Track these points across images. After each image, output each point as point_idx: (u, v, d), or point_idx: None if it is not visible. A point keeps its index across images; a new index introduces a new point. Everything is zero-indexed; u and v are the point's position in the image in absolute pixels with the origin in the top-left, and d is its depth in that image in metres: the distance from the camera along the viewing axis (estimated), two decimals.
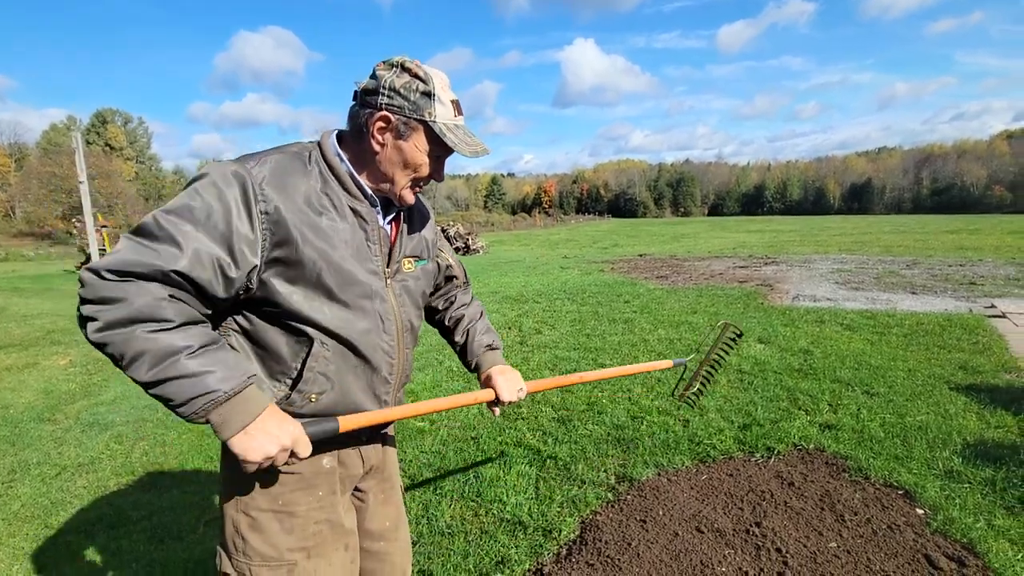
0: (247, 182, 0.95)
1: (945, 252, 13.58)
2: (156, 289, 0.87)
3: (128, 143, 57.05)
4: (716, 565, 2.00)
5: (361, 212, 1.08)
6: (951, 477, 2.57)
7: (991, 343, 4.76)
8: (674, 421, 3.34)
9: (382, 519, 1.33)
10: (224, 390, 0.88)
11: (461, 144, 1.06)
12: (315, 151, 1.07)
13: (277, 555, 1.06)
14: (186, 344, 0.87)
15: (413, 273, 1.21)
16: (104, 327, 0.84)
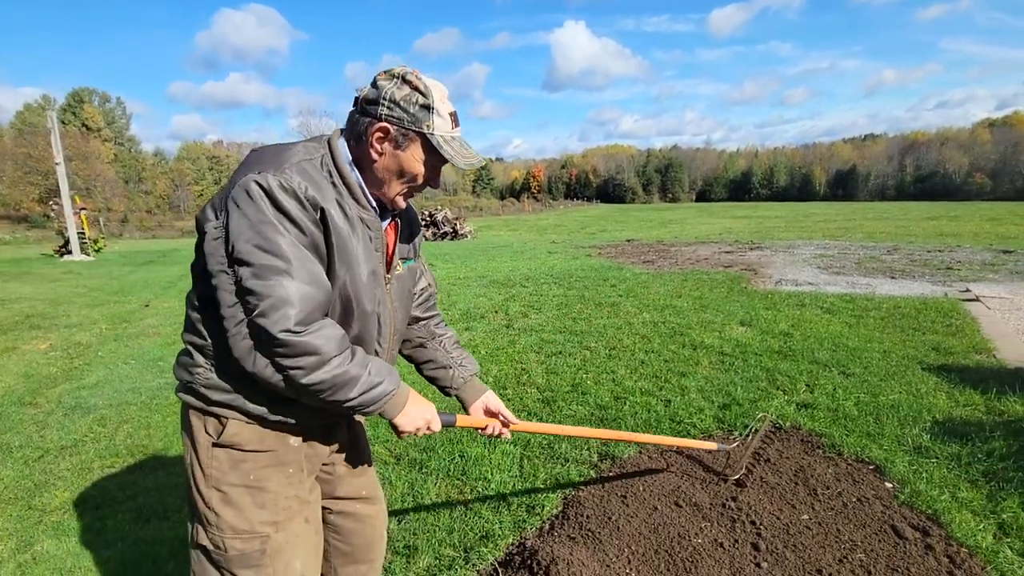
0: (296, 192, 1.00)
1: (925, 238, 13.84)
2: (327, 335, 1.01)
3: (106, 123, 55.51)
4: (692, 537, 2.07)
5: (367, 221, 1.13)
6: (919, 453, 2.67)
7: (964, 325, 4.90)
8: (656, 401, 3.41)
9: (357, 488, 1.39)
10: (391, 390, 1.12)
11: (457, 156, 1.10)
12: (327, 157, 1.10)
13: (249, 528, 1.10)
14: (364, 365, 1.07)
15: (403, 274, 1.28)
16: (310, 372, 1.00)
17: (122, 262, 15.32)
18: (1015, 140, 73.46)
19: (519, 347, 4.78)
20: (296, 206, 0.99)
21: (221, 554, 1.09)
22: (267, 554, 1.11)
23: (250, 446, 1.11)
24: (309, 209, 1.01)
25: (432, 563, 2.05)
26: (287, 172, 1.01)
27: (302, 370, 0.98)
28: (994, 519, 2.14)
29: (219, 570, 1.11)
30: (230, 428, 1.09)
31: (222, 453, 1.09)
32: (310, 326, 0.98)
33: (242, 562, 1.09)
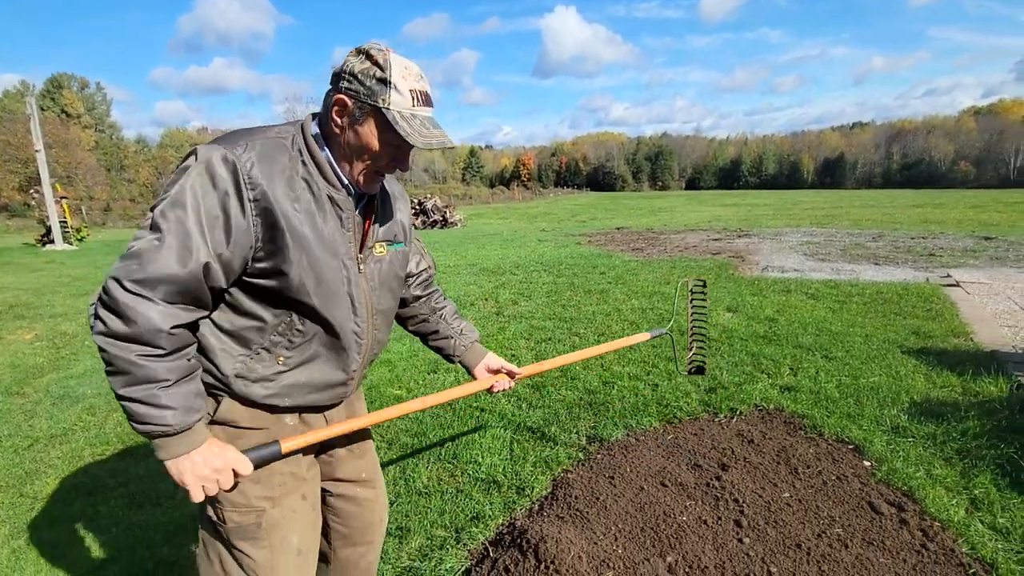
0: (237, 168, 0.99)
1: (910, 225, 14.04)
2: (161, 316, 0.95)
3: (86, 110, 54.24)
4: (678, 515, 2.13)
5: (338, 200, 1.11)
6: (897, 432, 2.75)
7: (943, 310, 5.02)
8: (644, 385, 3.47)
9: (357, 471, 1.40)
10: (175, 426, 0.98)
11: (414, 134, 1.05)
12: (297, 136, 1.09)
13: (246, 502, 1.13)
14: (165, 378, 0.97)
15: (385, 257, 1.24)
16: (107, 334, 0.94)
17: (106, 251, 15.09)
18: (1000, 128, 74.37)
19: (509, 334, 4.81)
20: (228, 181, 0.97)
21: (222, 526, 1.14)
22: (263, 527, 1.14)
23: (244, 423, 1.14)
24: (245, 188, 0.99)
25: (424, 543, 2.09)
26: (239, 147, 1.00)
27: (103, 325, 0.93)
28: (966, 495, 2.22)
29: (221, 541, 1.15)
30: (223, 406, 1.13)
31: (219, 430, 1.13)
32: (144, 292, 0.93)
33: (240, 534, 1.13)
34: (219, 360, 1.09)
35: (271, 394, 1.13)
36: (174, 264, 0.94)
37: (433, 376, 3.85)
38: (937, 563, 1.84)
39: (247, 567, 1.14)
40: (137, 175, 55.39)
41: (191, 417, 1.00)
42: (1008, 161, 72.21)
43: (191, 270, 0.95)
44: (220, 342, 1.09)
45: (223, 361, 1.09)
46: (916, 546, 1.93)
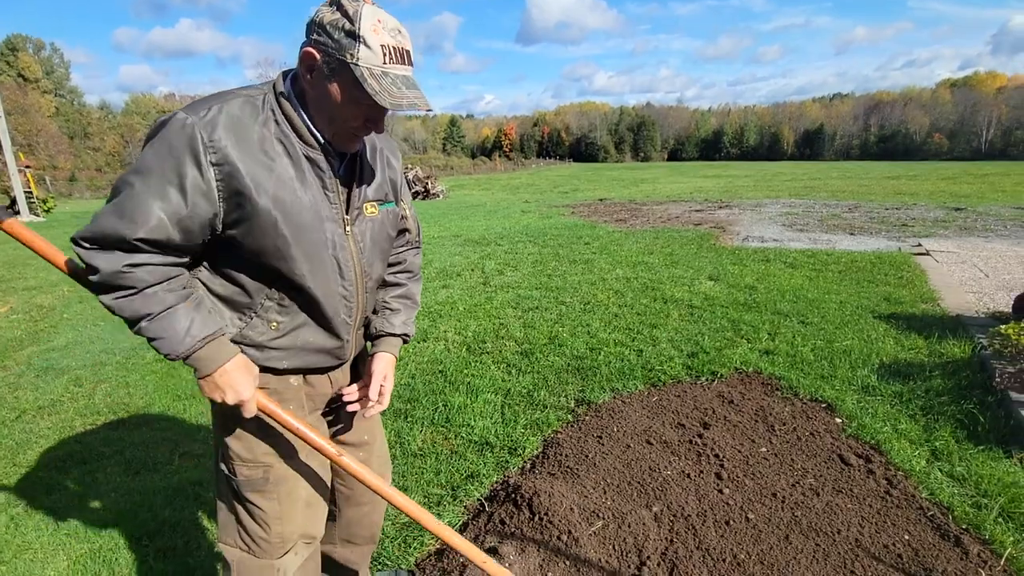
0: (195, 133, 0.96)
1: (884, 197, 14.36)
2: (116, 260, 0.96)
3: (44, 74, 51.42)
4: (662, 469, 2.25)
5: (316, 161, 1.06)
6: (867, 391, 2.91)
7: (913, 278, 5.22)
8: (629, 351, 3.58)
9: (360, 433, 1.44)
10: (178, 352, 1.02)
11: (382, 93, 0.97)
12: (269, 95, 1.05)
13: (253, 457, 1.18)
14: (146, 312, 1.00)
15: (376, 217, 1.20)
16: (101, 296, 1.00)
17: (75, 223, 14.59)
18: (973, 101, 75.53)
19: (496, 303, 4.87)
20: (185, 148, 0.95)
21: (234, 479, 1.19)
22: (270, 481, 1.19)
23: None
24: (205, 153, 0.96)
25: (422, 501, 2.18)
26: (203, 111, 0.98)
27: (93, 275, 0.97)
28: (928, 447, 2.39)
29: (233, 493, 1.21)
30: None
31: None
32: (95, 246, 0.96)
33: (249, 487, 1.18)
34: (224, 324, 1.11)
35: (268, 357, 1.14)
36: (124, 227, 0.94)
37: (423, 344, 3.90)
38: (899, 507, 2.00)
39: (258, 517, 1.20)
40: (103, 143, 53.13)
41: (184, 345, 1.01)
42: (980, 134, 73.70)
43: (142, 236, 0.95)
44: (218, 304, 1.11)
45: (227, 324, 1.11)
46: (881, 493, 2.08)
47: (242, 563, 1.22)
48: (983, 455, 2.28)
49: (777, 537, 1.85)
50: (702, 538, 1.85)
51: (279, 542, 1.21)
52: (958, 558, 1.74)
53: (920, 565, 1.71)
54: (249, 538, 1.21)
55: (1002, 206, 11.56)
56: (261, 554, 1.21)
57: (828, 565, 1.73)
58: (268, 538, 1.20)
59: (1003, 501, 1.98)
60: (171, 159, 0.95)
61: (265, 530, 1.20)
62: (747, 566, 1.73)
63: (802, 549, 1.79)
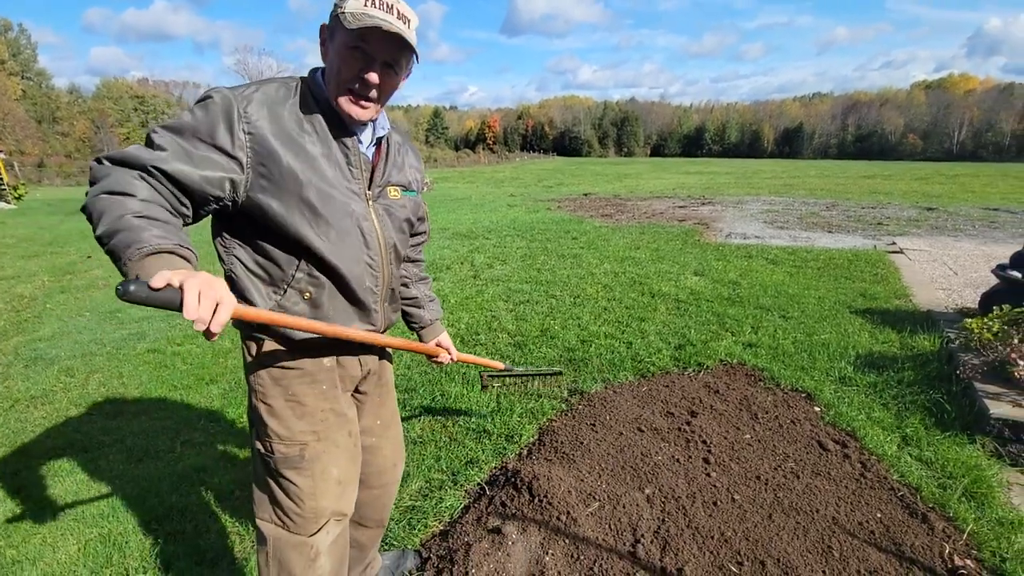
0: (232, 103, 1.07)
1: (860, 196, 14.77)
2: (135, 173, 0.99)
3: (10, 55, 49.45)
4: (654, 455, 2.37)
5: (342, 137, 1.18)
6: (843, 382, 3.07)
7: (888, 274, 5.45)
8: (619, 343, 3.70)
9: (375, 418, 1.51)
10: (152, 245, 0.90)
11: (353, 20, 1.05)
12: (300, 82, 1.18)
13: (290, 435, 1.24)
14: (139, 209, 0.94)
15: (398, 200, 1.31)
16: (90, 195, 0.97)
17: (48, 211, 14.22)
18: (946, 103, 77.63)
19: (487, 296, 4.95)
20: (221, 113, 1.05)
21: (270, 456, 1.25)
22: (306, 459, 1.25)
23: (286, 364, 1.24)
24: (238, 120, 1.06)
25: (423, 486, 2.26)
26: (243, 89, 1.10)
27: (87, 194, 0.98)
28: (899, 433, 2.55)
29: (268, 471, 1.27)
30: (267, 348, 1.22)
31: (263, 371, 1.23)
32: (122, 166, 1.00)
33: (286, 464, 1.24)
34: (255, 298, 1.18)
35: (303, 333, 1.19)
36: (147, 155, 1.00)
37: None
38: (872, 488, 2.14)
39: (292, 493, 1.26)
40: (72, 128, 51.38)
41: (171, 241, 0.93)
42: (952, 135, 75.85)
43: (162, 167, 1.00)
44: (251, 282, 1.17)
45: (258, 298, 1.18)
46: (856, 475, 2.23)
47: (278, 538, 1.28)
48: (949, 440, 2.45)
49: (761, 516, 1.98)
50: (692, 517, 1.97)
51: (312, 517, 1.28)
52: (925, 533, 1.89)
53: (891, 540, 1.86)
54: (284, 514, 1.27)
55: (971, 206, 12.01)
56: (296, 529, 1.27)
57: (808, 541, 1.86)
58: (303, 513, 1.26)
59: (966, 482, 2.14)
60: (206, 122, 1.05)
61: (300, 506, 1.26)
62: (734, 542, 1.85)
63: (784, 526, 1.92)
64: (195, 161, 1.03)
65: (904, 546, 1.82)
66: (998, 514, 1.97)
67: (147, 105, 57.97)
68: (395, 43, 1.10)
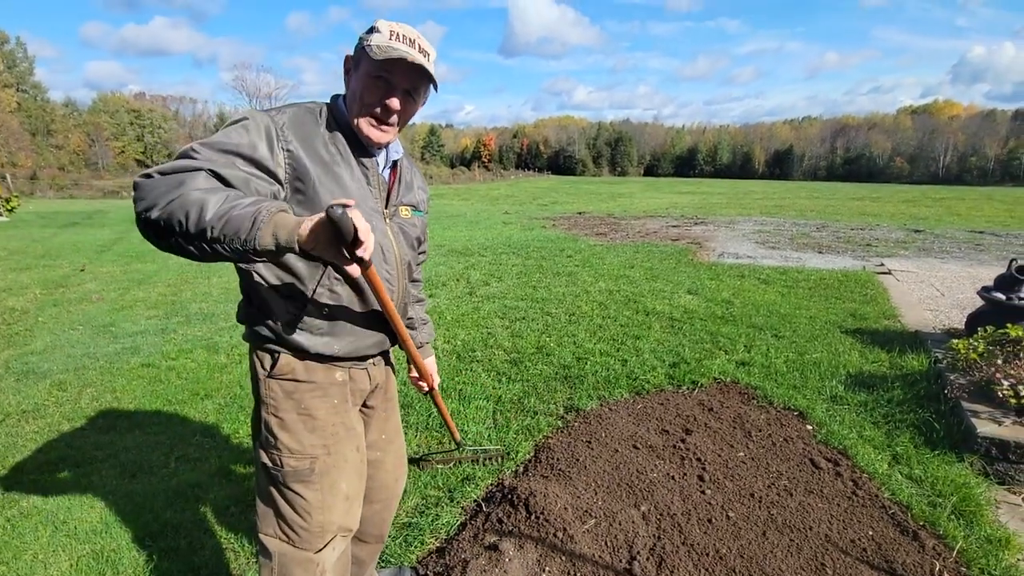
0: (271, 125, 1.14)
1: (850, 217, 15.03)
2: (201, 174, 0.99)
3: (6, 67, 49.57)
4: (649, 472, 2.39)
5: (363, 159, 1.25)
6: (835, 401, 3.12)
7: (877, 295, 5.54)
8: (614, 361, 3.73)
9: (380, 432, 1.53)
10: (269, 208, 0.94)
11: (378, 51, 1.14)
12: (325, 108, 1.25)
13: (301, 449, 1.26)
14: (231, 193, 0.97)
15: (409, 220, 1.39)
16: (164, 204, 0.93)
17: (41, 223, 14.14)
18: (932, 127, 79.52)
19: (483, 313, 4.98)
20: (262, 130, 1.11)
21: (278, 470, 1.25)
22: (315, 472, 1.26)
23: (299, 377, 1.25)
24: (278, 139, 1.13)
25: (420, 503, 2.26)
26: (274, 112, 1.16)
27: (155, 206, 0.94)
28: (889, 451, 2.59)
29: (275, 484, 1.27)
30: (281, 361, 1.24)
31: (276, 384, 1.25)
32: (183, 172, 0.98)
33: (295, 477, 1.25)
34: (274, 312, 1.21)
35: (322, 342, 1.24)
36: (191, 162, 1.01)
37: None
38: (864, 506, 2.17)
39: (300, 507, 1.26)
40: (66, 141, 51.35)
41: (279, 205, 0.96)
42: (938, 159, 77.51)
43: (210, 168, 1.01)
44: (271, 296, 1.21)
45: (278, 312, 1.21)
46: (848, 493, 2.26)
47: (283, 554, 1.28)
48: (938, 459, 2.49)
49: (755, 533, 2.00)
50: (687, 535, 1.98)
51: (319, 531, 1.28)
52: (916, 551, 1.91)
53: (883, 557, 1.88)
54: (290, 528, 1.27)
55: (957, 229, 12.25)
56: (301, 544, 1.27)
57: (801, 558, 1.88)
58: (310, 528, 1.27)
59: (955, 500, 2.17)
60: (248, 140, 1.09)
61: (307, 520, 1.27)
62: (728, 560, 1.86)
63: (778, 544, 1.94)
64: (239, 174, 1.06)
65: (896, 563, 1.84)
66: (986, 532, 2.00)
67: (143, 119, 58.11)
68: (416, 73, 1.20)
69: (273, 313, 1.22)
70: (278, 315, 1.22)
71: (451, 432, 2.15)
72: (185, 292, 6.17)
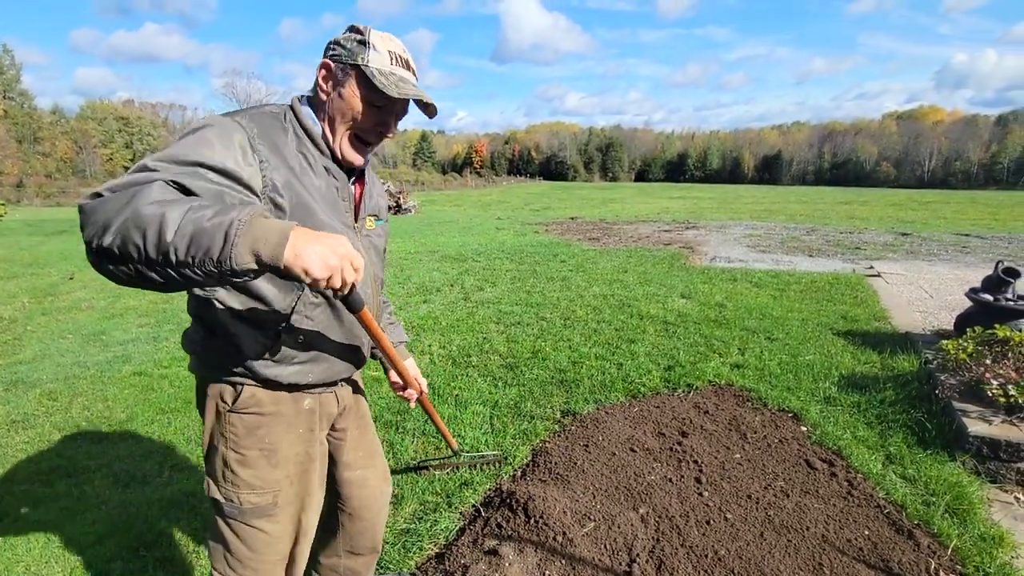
0: (242, 131, 1.01)
1: (838, 221, 15.21)
2: (156, 185, 0.82)
3: None
4: (646, 475, 2.39)
5: (332, 171, 1.16)
6: (828, 402, 3.14)
7: (867, 297, 5.61)
8: (609, 364, 3.74)
9: (357, 450, 1.45)
10: (242, 218, 0.78)
11: (391, 86, 1.08)
12: (289, 113, 1.14)
13: (263, 484, 1.18)
14: (194, 203, 0.80)
15: (375, 231, 1.32)
16: (118, 226, 0.77)
17: (28, 231, 13.96)
18: (917, 132, 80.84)
19: (478, 318, 4.98)
20: (238, 141, 0.99)
21: (235, 507, 1.16)
22: (278, 506, 1.19)
23: (265, 409, 1.16)
24: (252, 152, 1.01)
25: (418, 508, 2.25)
26: (239, 118, 1.03)
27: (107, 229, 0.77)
28: (883, 451, 2.61)
29: (231, 520, 1.18)
30: (245, 394, 1.14)
31: (236, 419, 1.15)
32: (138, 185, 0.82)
33: (256, 513, 1.17)
34: (241, 342, 1.10)
35: (295, 371, 1.15)
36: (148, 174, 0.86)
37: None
38: (860, 506, 2.19)
39: (261, 541, 1.20)
40: (54, 148, 50.84)
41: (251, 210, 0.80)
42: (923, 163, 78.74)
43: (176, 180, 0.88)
44: (236, 324, 1.10)
45: (245, 342, 1.10)
46: (843, 493, 2.28)
47: None
48: (931, 458, 2.52)
49: (753, 534, 2.01)
50: (686, 537, 1.99)
51: (280, 560, 1.23)
52: (911, 549, 1.93)
53: (879, 557, 1.90)
54: (246, 566, 1.20)
55: (944, 232, 12.43)
56: None
57: (799, 558, 1.89)
58: (268, 560, 1.21)
59: (948, 499, 2.20)
60: (214, 147, 0.94)
61: (266, 553, 1.20)
62: (727, 561, 1.87)
63: (775, 545, 1.95)
64: (208, 186, 0.91)
65: (892, 562, 1.86)
66: (980, 530, 2.03)
67: (132, 127, 57.64)
68: (418, 104, 1.16)
69: (240, 343, 1.10)
70: (246, 346, 1.10)
71: (447, 441, 2.13)
72: (176, 299, 6.11)
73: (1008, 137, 73.58)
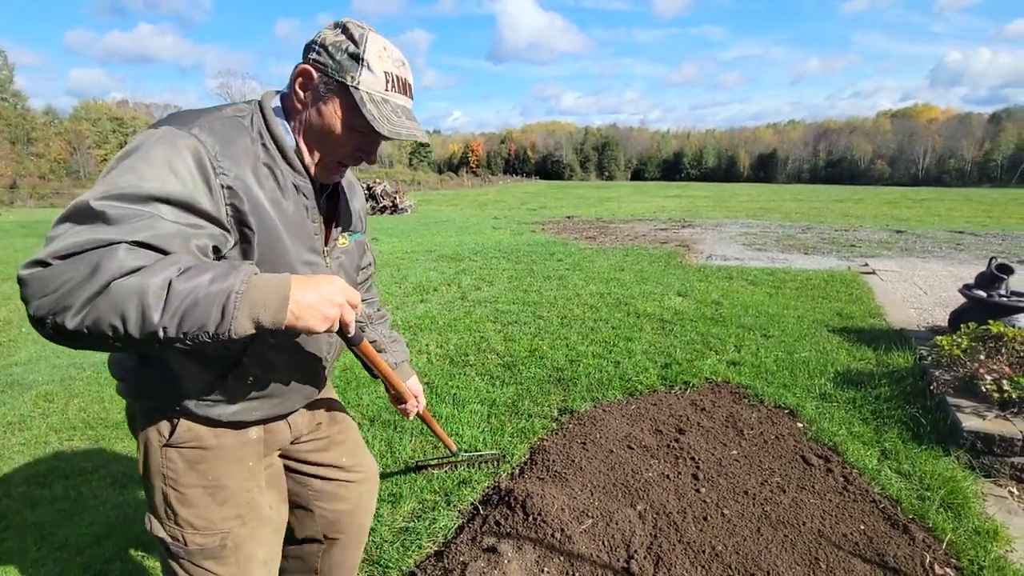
0: (202, 153, 0.84)
1: (833, 219, 15.28)
2: (120, 249, 0.72)
3: None
4: (644, 472, 2.40)
5: (302, 189, 1.00)
6: (824, 398, 3.16)
7: (862, 295, 5.64)
8: (607, 363, 3.75)
9: (339, 456, 1.35)
10: (238, 289, 0.74)
11: (381, 120, 0.93)
12: (256, 116, 0.97)
13: (209, 525, 1.04)
14: (172, 268, 0.73)
15: (347, 248, 1.17)
16: (83, 306, 0.69)
17: (23, 233, 13.89)
18: (911, 130, 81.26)
19: (475, 317, 4.98)
20: (193, 168, 0.82)
21: (180, 547, 1.04)
22: (228, 547, 1.06)
23: (205, 443, 1.03)
24: (214, 174, 0.84)
25: (416, 507, 2.25)
26: (197, 128, 0.85)
27: (67, 309, 0.70)
28: (878, 447, 2.63)
29: (178, 560, 1.05)
30: (181, 427, 1.01)
31: (175, 454, 1.01)
32: (94, 249, 0.71)
33: (203, 555, 1.04)
34: (182, 379, 0.98)
35: (239, 410, 1.03)
36: (104, 232, 0.74)
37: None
38: (855, 501, 2.21)
39: None
40: (47, 149, 50.60)
41: (240, 272, 0.76)
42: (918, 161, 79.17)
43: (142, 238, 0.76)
44: (178, 361, 0.97)
45: (187, 381, 0.98)
46: (839, 489, 2.30)
47: None
48: (925, 453, 2.54)
49: (750, 530, 2.02)
50: (683, 533, 2.00)
51: None
52: (907, 544, 1.95)
53: (875, 551, 1.91)
54: None
55: (938, 229, 12.51)
56: None
57: (795, 553, 1.91)
58: None
59: (943, 493, 2.22)
60: (167, 172, 0.79)
61: None
62: (724, 556, 1.89)
63: (772, 540, 1.97)
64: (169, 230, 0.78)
65: (887, 556, 1.88)
66: (974, 524, 2.05)
67: (126, 127, 57.39)
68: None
69: (180, 381, 0.97)
70: (187, 385, 0.97)
71: (446, 446, 2.15)
72: None
73: (1001, 135, 74.10)
